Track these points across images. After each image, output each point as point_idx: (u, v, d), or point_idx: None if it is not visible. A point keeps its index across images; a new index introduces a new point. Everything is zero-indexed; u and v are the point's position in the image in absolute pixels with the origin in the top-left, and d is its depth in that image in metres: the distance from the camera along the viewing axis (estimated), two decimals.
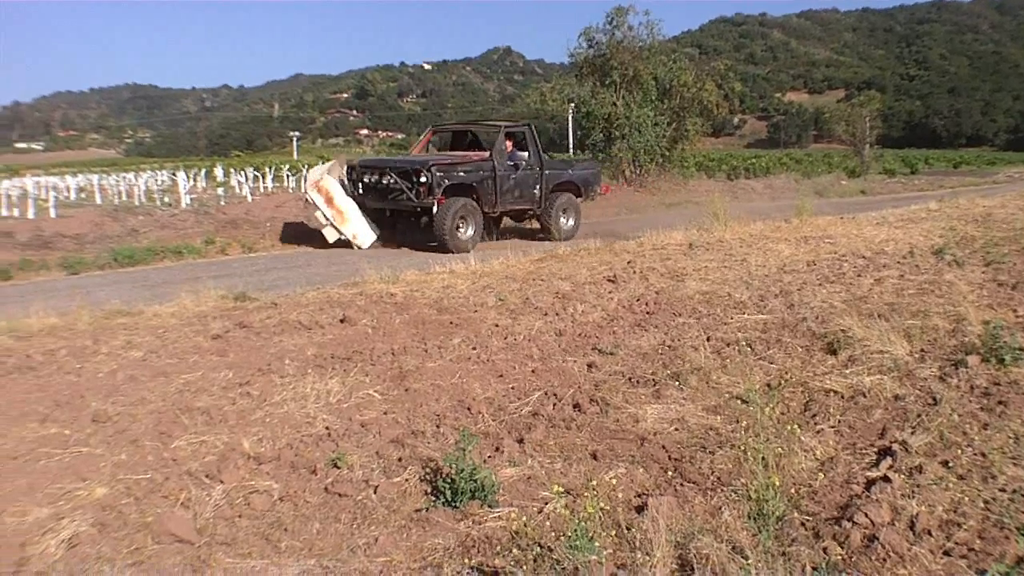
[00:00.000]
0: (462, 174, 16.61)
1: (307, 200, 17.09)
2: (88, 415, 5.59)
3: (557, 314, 8.40)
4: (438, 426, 5.35)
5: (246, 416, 5.58)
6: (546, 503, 4.15)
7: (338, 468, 4.66)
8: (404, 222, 17.70)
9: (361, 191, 16.97)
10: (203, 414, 5.57)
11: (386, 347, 7.20)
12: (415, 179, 15.96)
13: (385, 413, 5.64)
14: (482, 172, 17.00)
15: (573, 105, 34.42)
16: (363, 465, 4.73)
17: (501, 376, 6.42)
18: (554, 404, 5.69)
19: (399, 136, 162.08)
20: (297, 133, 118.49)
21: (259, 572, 3.61)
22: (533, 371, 6.53)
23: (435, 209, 15.97)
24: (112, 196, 30.30)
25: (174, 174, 40.17)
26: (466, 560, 3.60)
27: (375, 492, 4.38)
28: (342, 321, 8.26)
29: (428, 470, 4.59)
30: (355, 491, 4.41)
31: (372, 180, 16.89)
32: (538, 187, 18.05)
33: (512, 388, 6.12)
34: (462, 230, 16.35)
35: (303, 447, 5.03)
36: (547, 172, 18.30)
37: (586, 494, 4.02)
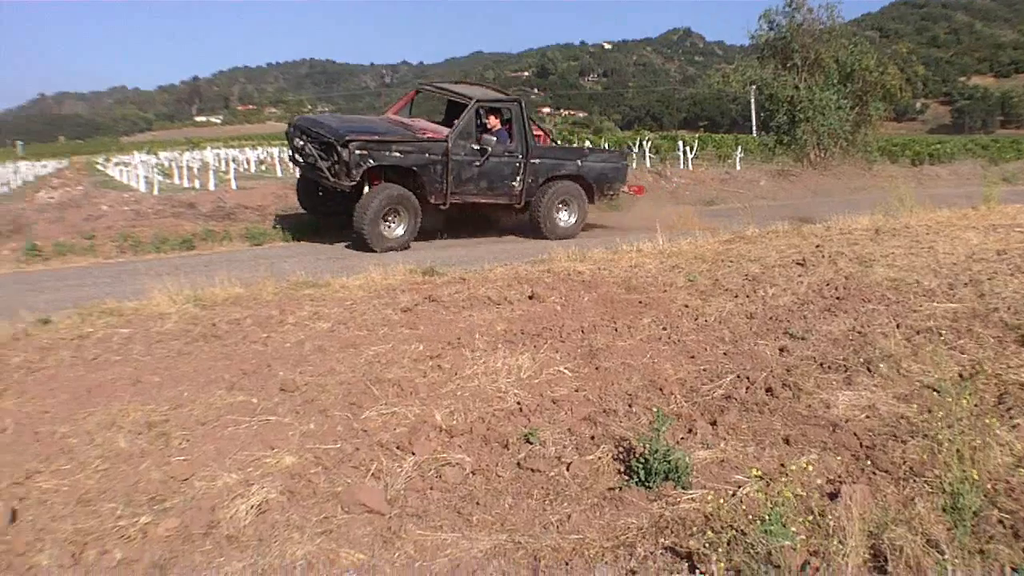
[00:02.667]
0: (397, 154, 14.71)
1: None
2: (275, 384, 6.13)
3: (748, 296, 8.65)
4: (630, 405, 5.60)
5: (437, 389, 5.98)
6: (739, 486, 4.32)
7: (530, 444, 4.95)
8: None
9: (298, 158, 15.68)
10: (394, 386, 6.00)
11: (575, 325, 7.53)
12: (332, 154, 14.35)
13: (576, 390, 5.93)
14: (428, 155, 15.00)
15: (755, 87, 35.07)
16: (555, 441, 5.02)
17: (693, 357, 6.67)
18: (746, 387, 5.90)
19: (581, 115, 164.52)
20: None
21: (450, 545, 3.90)
22: (725, 353, 6.77)
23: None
24: (292, 169, 32.05)
25: None
26: (659, 541, 3.79)
27: (568, 469, 4.64)
28: (531, 297, 8.69)
29: (621, 449, 4.82)
30: (548, 467, 4.69)
31: (300, 146, 15.38)
32: (519, 179, 16.09)
33: (704, 370, 6.36)
34: (391, 225, 14.69)
35: (495, 421, 5.36)
36: (535, 161, 16.22)
37: (781, 479, 4.21)
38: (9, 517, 4.32)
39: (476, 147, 15.55)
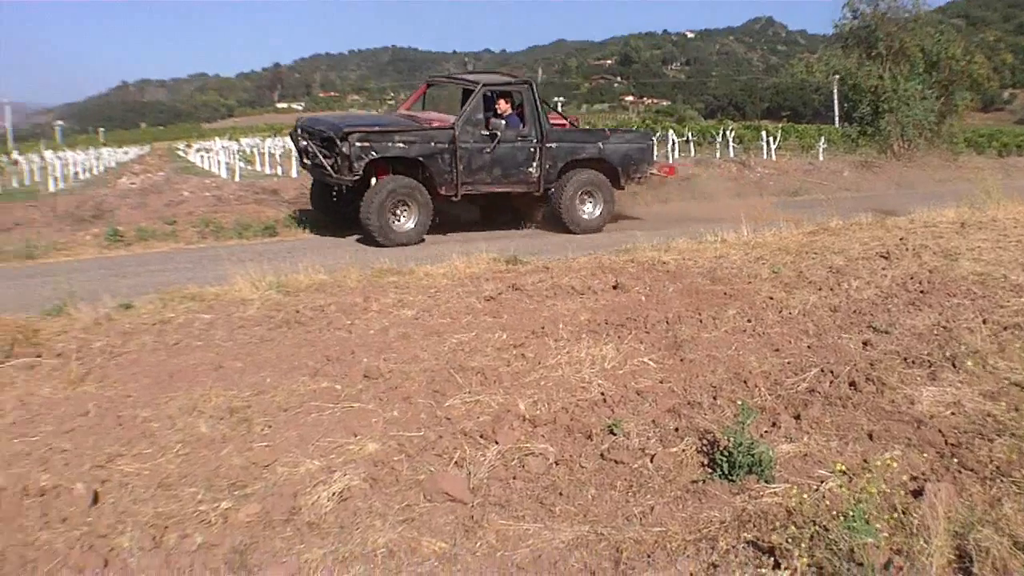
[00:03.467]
0: (401, 145, 14.58)
1: None
2: (359, 371, 6.23)
3: (831, 289, 8.62)
4: (714, 398, 5.60)
5: (520, 378, 6.04)
6: (822, 481, 4.31)
7: (614, 435, 4.97)
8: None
9: (305, 160, 15.53)
10: (477, 374, 6.08)
11: (660, 315, 7.55)
12: (334, 149, 14.30)
13: (661, 382, 5.95)
14: (434, 144, 14.77)
15: (838, 77, 34.82)
16: (639, 433, 5.03)
17: (777, 350, 6.66)
18: (830, 381, 5.87)
19: (664, 103, 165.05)
20: (561, 99, 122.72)
21: (532, 536, 3.93)
22: (809, 347, 6.76)
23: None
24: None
25: None
26: (741, 535, 3.79)
27: (651, 461, 4.65)
28: (615, 287, 8.74)
29: (705, 442, 4.82)
30: (631, 459, 4.70)
31: (304, 147, 15.34)
32: (535, 164, 15.63)
33: (788, 363, 6.34)
34: (400, 218, 14.45)
35: (579, 411, 5.39)
36: (552, 145, 15.72)
37: (864, 475, 4.17)
38: (91, 499, 4.44)
39: (486, 133, 15.19)
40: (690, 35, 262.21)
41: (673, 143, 38.04)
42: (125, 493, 4.55)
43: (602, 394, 5.70)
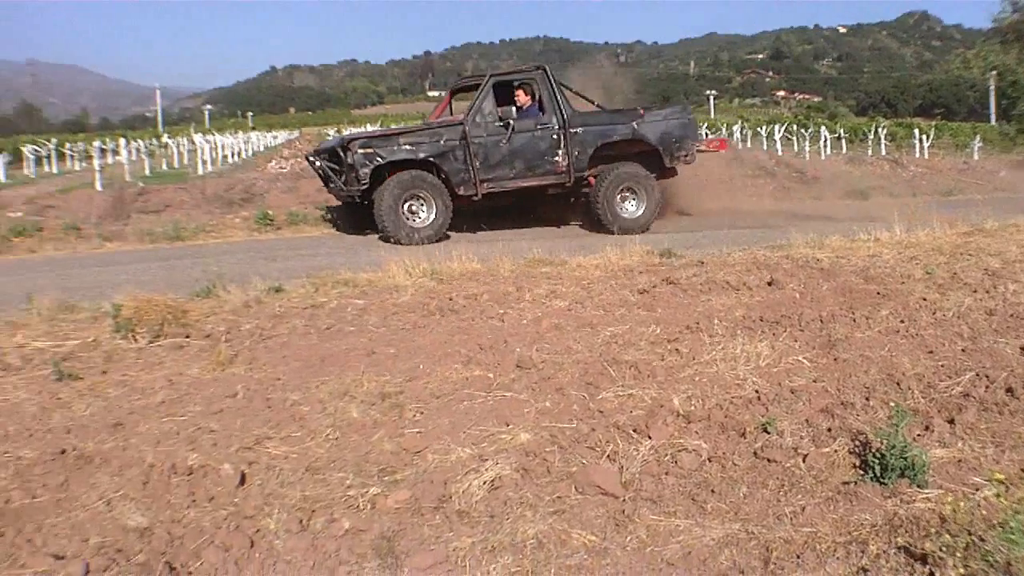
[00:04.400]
0: (408, 147, 14.62)
1: None
2: (512, 360, 6.33)
3: (987, 292, 8.34)
4: (867, 399, 5.49)
5: (674, 373, 6.03)
6: (977, 489, 4.17)
7: (767, 433, 4.93)
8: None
9: (329, 184, 15.69)
10: (631, 368, 6.09)
11: (814, 314, 7.46)
12: (342, 162, 14.68)
13: (814, 381, 5.87)
14: (444, 141, 14.72)
15: (995, 73, 33.72)
16: (792, 432, 4.96)
17: (931, 352, 6.48)
18: (986, 386, 5.67)
19: (815, 99, 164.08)
20: (713, 92, 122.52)
21: (682, 532, 3.93)
22: (963, 350, 6.53)
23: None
24: None
25: None
26: (893, 540, 3.71)
27: (803, 461, 4.59)
28: (769, 284, 8.68)
29: (857, 443, 4.73)
30: (784, 458, 4.65)
31: (319, 168, 15.60)
32: (560, 152, 15.24)
33: (941, 366, 6.16)
34: (415, 214, 14.51)
35: (732, 408, 5.36)
36: (577, 130, 15.34)
37: (1022, 484, 4.08)
38: (238, 480, 4.58)
39: (499, 123, 14.96)
40: (842, 30, 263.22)
41: (825, 140, 37.49)
42: (272, 475, 4.70)
43: (756, 391, 5.66)
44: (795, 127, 45.49)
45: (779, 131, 41.57)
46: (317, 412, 5.57)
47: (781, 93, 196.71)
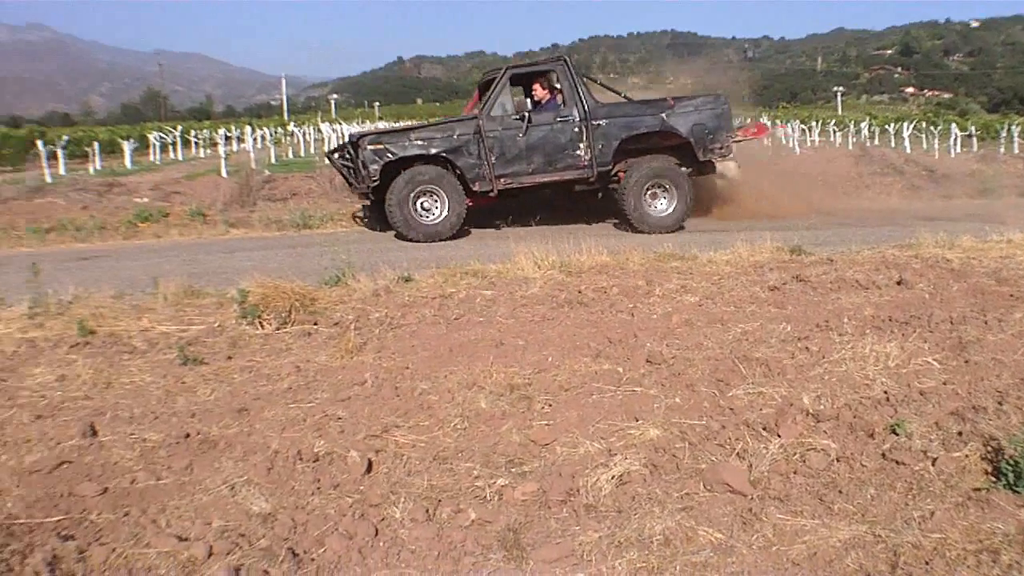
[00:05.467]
0: (419, 142, 14.23)
1: None
2: (641, 355, 6.26)
3: None
4: (1000, 403, 5.26)
5: (804, 372, 5.89)
6: None
7: (896, 435, 4.77)
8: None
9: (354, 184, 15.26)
10: (761, 365, 5.97)
11: (944, 315, 7.22)
12: (354, 160, 14.43)
13: (944, 383, 5.66)
14: (457, 136, 14.26)
15: None
16: (921, 435, 4.78)
17: None
18: None
19: (945, 96, 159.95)
20: (840, 88, 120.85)
21: (808, 532, 3.83)
22: None
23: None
24: None
25: None
26: None
27: (933, 464, 4.43)
28: (899, 283, 8.46)
29: (989, 448, 4.53)
30: (912, 460, 4.49)
31: (340, 167, 15.47)
32: (582, 146, 14.49)
33: None
34: (427, 210, 14.15)
35: (861, 409, 5.20)
36: (600, 122, 14.54)
37: None
38: (365, 468, 4.60)
39: (516, 117, 14.36)
40: (974, 24, 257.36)
41: (955, 137, 36.57)
42: (399, 464, 4.71)
43: (885, 392, 5.49)
44: (924, 124, 44.58)
45: (907, 128, 41.10)
46: (445, 402, 5.57)
47: (910, 89, 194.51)
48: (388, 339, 7.13)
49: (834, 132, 44.41)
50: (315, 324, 7.62)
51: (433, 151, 14.19)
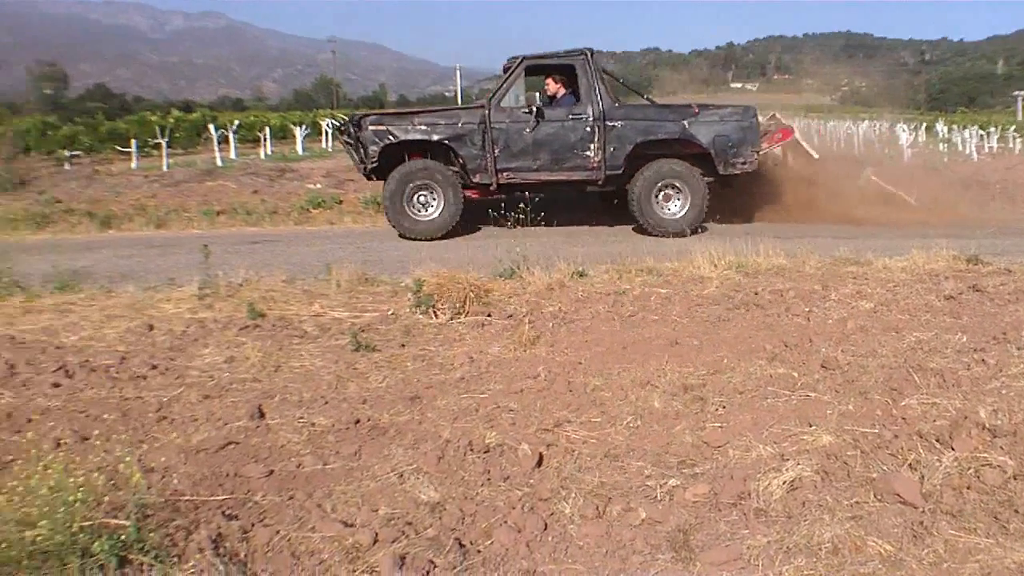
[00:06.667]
0: (423, 127, 13.73)
1: None
2: (816, 360, 6.19)
3: None
4: None
5: (980, 385, 5.71)
6: None
7: None
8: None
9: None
10: (935, 376, 5.81)
11: None
12: (356, 140, 13.89)
13: None
14: (462, 124, 13.71)
15: None
16: None
17: None
18: None
19: None
20: (1022, 93, 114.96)
21: (982, 551, 3.73)
22: None
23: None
24: (830, 142, 32.22)
25: (893, 125, 41.61)
26: None
27: None
28: None
29: None
30: None
31: (347, 149, 14.99)
32: (593, 147, 13.75)
33: None
34: (422, 206, 13.78)
35: None
36: (616, 124, 13.77)
37: None
38: (536, 461, 4.65)
39: (526, 111, 13.67)
40: None
41: None
42: (570, 459, 4.74)
43: None
44: None
45: None
46: (618, 399, 5.59)
47: None
48: (561, 333, 7.20)
49: (1014, 138, 42.46)
50: (488, 316, 7.73)
51: (436, 137, 13.79)
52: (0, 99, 69.72)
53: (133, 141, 28.35)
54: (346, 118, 15.19)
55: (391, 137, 13.63)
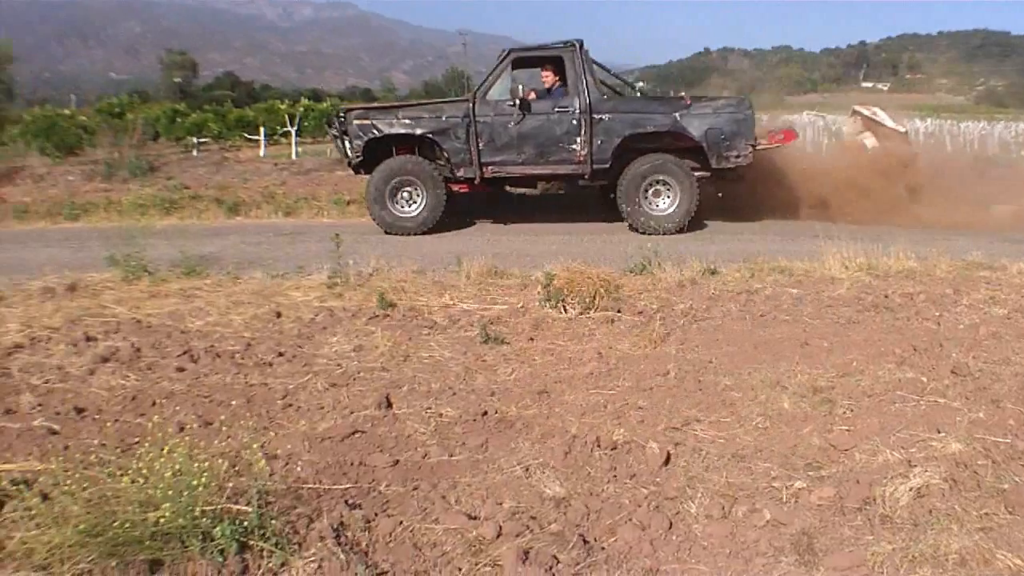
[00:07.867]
0: (407, 121, 13.39)
1: None
2: (947, 366, 6.01)
3: None
4: None
5: None
6: None
7: None
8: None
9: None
10: None
11: None
12: (341, 132, 13.60)
13: None
14: (446, 118, 13.33)
15: None
16: None
17: None
18: None
19: None
20: None
21: None
22: None
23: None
24: (964, 144, 31.19)
25: None
26: None
27: None
28: None
29: None
30: None
31: (335, 139, 14.67)
32: (579, 140, 13.21)
33: None
34: (405, 203, 13.49)
35: None
36: (603, 117, 13.23)
37: None
38: (663, 459, 4.61)
39: (511, 104, 13.20)
40: None
41: None
42: (697, 459, 4.69)
43: None
44: None
45: None
46: (748, 399, 5.52)
47: None
48: (692, 331, 7.15)
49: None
50: (618, 311, 7.69)
51: (419, 131, 13.53)
52: (131, 87, 71.60)
53: (261, 129, 28.84)
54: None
55: (375, 131, 13.51)
